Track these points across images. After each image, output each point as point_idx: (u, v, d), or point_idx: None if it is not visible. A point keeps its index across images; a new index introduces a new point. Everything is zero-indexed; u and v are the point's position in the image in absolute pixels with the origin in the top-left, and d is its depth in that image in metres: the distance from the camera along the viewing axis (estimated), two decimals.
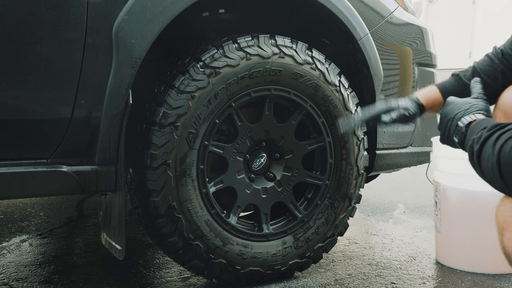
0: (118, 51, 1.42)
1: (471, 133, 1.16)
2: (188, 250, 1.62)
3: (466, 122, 1.20)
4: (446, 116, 1.27)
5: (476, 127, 1.15)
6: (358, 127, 1.81)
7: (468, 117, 1.21)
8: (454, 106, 1.26)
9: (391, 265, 2.00)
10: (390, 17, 1.98)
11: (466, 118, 1.21)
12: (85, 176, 1.44)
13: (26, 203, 2.90)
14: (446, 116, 1.27)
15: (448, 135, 1.26)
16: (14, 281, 1.79)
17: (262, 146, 1.75)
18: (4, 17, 1.29)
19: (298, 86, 1.70)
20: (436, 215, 2.05)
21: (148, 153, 1.53)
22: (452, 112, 1.25)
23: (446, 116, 1.27)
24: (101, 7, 1.40)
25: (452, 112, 1.25)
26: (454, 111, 1.25)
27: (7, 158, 1.36)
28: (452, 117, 1.24)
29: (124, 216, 1.50)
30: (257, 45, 1.64)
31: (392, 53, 2.00)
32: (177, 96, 1.54)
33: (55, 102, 1.39)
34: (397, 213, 2.89)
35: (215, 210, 1.64)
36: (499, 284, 1.83)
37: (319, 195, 1.80)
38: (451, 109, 1.26)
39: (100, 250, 2.13)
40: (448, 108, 1.27)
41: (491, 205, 1.87)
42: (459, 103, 1.26)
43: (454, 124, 1.23)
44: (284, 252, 1.76)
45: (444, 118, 1.28)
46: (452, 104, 1.27)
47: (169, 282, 1.80)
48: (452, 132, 1.24)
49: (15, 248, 2.15)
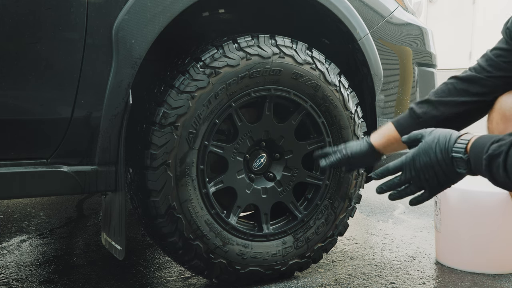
0: (118, 51, 1.42)
1: (477, 154, 1.08)
2: (188, 250, 1.62)
3: (462, 150, 1.12)
4: (426, 167, 1.16)
5: (479, 146, 1.08)
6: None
7: (459, 144, 1.13)
8: (424, 153, 1.16)
9: (391, 265, 2.00)
10: (390, 17, 1.98)
11: (458, 146, 1.13)
12: (85, 176, 1.44)
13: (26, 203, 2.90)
14: (426, 167, 1.16)
15: (446, 176, 1.15)
16: (14, 281, 1.79)
17: (262, 146, 1.75)
18: (4, 17, 1.29)
19: (298, 86, 1.70)
20: (436, 215, 2.05)
21: (148, 153, 1.53)
22: (428, 159, 1.15)
23: (425, 167, 1.16)
24: (101, 7, 1.40)
25: (429, 159, 1.15)
26: (430, 156, 1.15)
27: (7, 158, 1.36)
28: (436, 161, 1.14)
29: (124, 216, 1.50)
30: (257, 45, 1.64)
31: (392, 53, 2.00)
32: (177, 96, 1.54)
33: (55, 102, 1.39)
34: (397, 213, 2.89)
35: (215, 210, 1.64)
36: (499, 284, 1.83)
37: (319, 195, 1.80)
38: (425, 158, 1.15)
39: (100, 250, 2.13)
40: (420, 162, 1.16)
41: (491, 205, 1.88)
42: (426, 147, 1.16)
43: (448, 160, 1.13)
44: (284, 252, 1.76)
45: (424, 171, 1.16)
46: (420, 155, 1.16)
47: (169, 282, 1.80)
48: (450, 168, 1.14)
49: (15, 248, 2.15)
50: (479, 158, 1.08)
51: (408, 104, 2.06)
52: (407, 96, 2.07)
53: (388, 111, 1.99)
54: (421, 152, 1.17)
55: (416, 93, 2.10)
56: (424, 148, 1.17)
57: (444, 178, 1.16)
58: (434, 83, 2.22)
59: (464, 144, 1.12)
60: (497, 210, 1.87)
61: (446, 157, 1.14)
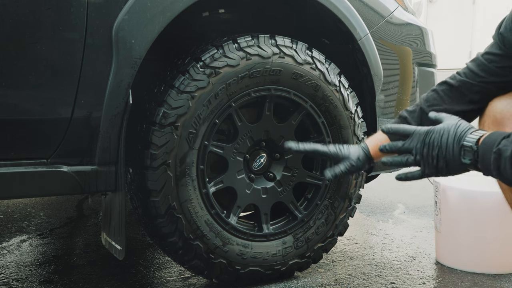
0: (118, 51, 1.42)
1: (486, 148, 1.08)
2: (188, 250, 1.62)
3: (474, 140, 1.11)
4: (433, 144, 1.15)
5: (490, 141, 1.08)
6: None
7: (472, 135, 1.12)
8: (439, 132, 1.16)
9: (391, 265, 2.00)
10: (390, 17, 1.98)
11: (471, 136, 1.12)
12: (85, 176, 1.44)
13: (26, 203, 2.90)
14: (433, 144, 1.15)
15: (447, 162, 1.14)
16: (14, 281, 1.79)
17: (262, 146, 1.75)
18: (4, 17, 1.29)
19: (298, 86, 1.70)
20: (436, 215, 2.05)
21: (148, 153, 1.53)
22: (439, 138, 1.15)
23: (432, 144, 1.15)
24: (101, 7, 1.40)
25: (440, 138, 1.14)
26: (442, 136, 1.14)
27: (7, 158, 1.36)
28: (446, 142, 1.13)
29: (124, 216, 1.50)
30: (257, 45, 1.64)
31: (392, 53, 2.00)
32: (177, 96, 1.54)
33: (55, 102, 1.39)
34: (397, 213, 2.89)
35: (215, 210, 1.64)
36: (499, 284, 1.83)
37: (319, 195, 1.80)
38: (437, 136, 1.15)
39: (100, 250, 2.13)
40: (431, 138, 1.16)
41: (491, 205, 1.88)
42: (443, 127, 1.16)
43: (457, 147, 1.12)
44: (284, 252, 1.76)
45: (429, 148, 1.16)
46: (434, 132, 1.16)
47: (169, 282, 1.80)
48: (456, 156, 1.13)
49: (15, 248, 2.15)
50: (489, 152, 1.07)
51: (408, 104, 2.06)
52: (407, 96, 2.07)
53: (388, 111, 1.99)
54: (436, 130, 1.16)
55: (416, 93, 2.10)
56: (442, 127, 1.16)
57: (444, 164, 1.15)
58: (434, 83, 2.22)
59: (477, 136, 1.11)
60: (497, 210, 1.87)
61: (457, 143, 1.13)
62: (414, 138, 1.18)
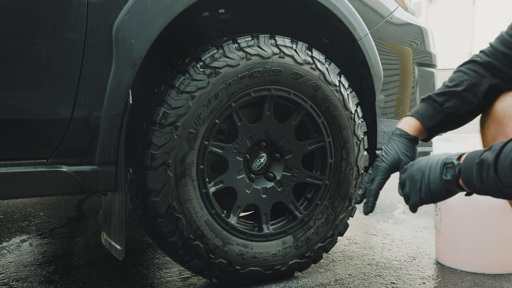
0: (118, 51, 1.42)
1: (469, 162, 1.11)
2: (188, 250, 1.62)
3: (455, 157, 1.14)
4: (419, 170, 1.20)
5: (472, 156, 1.10)
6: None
7: (455, 155, 1.15)
8: (422, 160, 1.21)
9: (391, 265, 2.01)
10: (390, 17, 1.98)
11: (452, 155, 1.16)
12: (85, 176, 1.44)
13: (26, 203, 2.90)
14: (419, 170, 1.20)
15: (429, 183, 1.18)
16: (14, 281, 1.79)
17: (262, 146, 1.75)
18: (4, 17, 1.29)
19: (298, 86, 1.70)
20: (436, 215, 2.05)
21: (148, 153, 1.53)
22: (425, 165, 1.19)
23: (419, 171, 1.20)
24: (101, 7, 1.40)
25: (425, 165, 1.19)
26: (427, 161, 1.19)
27: (7, 158, 1.36)
28: (429, 167, 1.18)
29: (124, 216, 1.50)
30: (257, 45, 1.64)
31: (392, 53, 2.00)
32: (177, 96, 1.54)
33: (55, 102, 1.39)
34: (397, 213, 2.89)
35: (215, 210, 1.64)
36: (499, 284, 1.83)
37: (319, 195, 1.80)
38: (422, 164, 1.20)
39: (100, 250, 2.13)
40: (418, 166, 1.20)
41: (491, 205, 1.88)
42: (427, 157, 1.21)
43: (439, 167, 1.16)
44: (284, 252, 1.76)
45: (415, 175, 1.20)
46: (420, 162, 1.21)
47: (169, 282, 1.80)
48: (437, 177, 1.16)
49: (15, 248, 2.15)
50: (471, 166, 1.09)
51: (408, 104, 2.06)
52: (407, 96, 2.07)
53: (388, 111, 1.99)
54: (422, 159, 1.22)
55: (416, 93, 2.10)
56: (427, 157, 1.22)
57: (426, 188, 1.18)
58: (434, 83, 2.22)
59: (458, 154, 1.15)
60: (497, 210, 1.87)
61: (440, 163, 1.17)
62: (407, 180, 1.24)
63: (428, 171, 1.18)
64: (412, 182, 1.22)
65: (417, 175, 1.20)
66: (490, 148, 1.08)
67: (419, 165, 1.22)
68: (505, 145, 1.04)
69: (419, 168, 1.21)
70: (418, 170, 1.21)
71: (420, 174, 1.20)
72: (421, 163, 1.22)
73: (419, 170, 1.20)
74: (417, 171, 1.21)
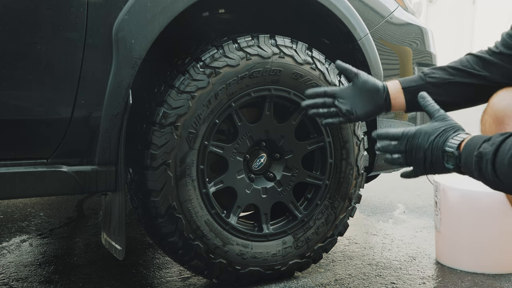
0: (118, 51, 1.42)
1: (468, 152, 1.10)
2: (188, 250, 1.62)
3: (455, 145, 1.13)
4: (419, 148, 1.18)
5: (472, 144, 1.10)
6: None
7: (454, 140, 1.14)
8: (424, 135, 1.18)
9: (391, 265, 2.01)
10: (390, 17, 1.98)
11: (452, 141, 1.14)
12: (85, 176, 1.44)
13: (26, 203, 2.90)
14: (419, 148, 1.18)
15: (432, 165, 1.17)
16: (14, 281, 1.79)
17: (262, 146, 1.75)
18: (4, 17, 1.30)
19: (298, 86, 1.70)
20: (436, 215, 2.05)
21: (148, 153, 1.53)
22: (425, 142, 1.17)
23: (419, 148, 1.18)
24: (101, 7, 1.40)
25: (425, 142, 1.17)
26: (428, 140, 1.17)
27: (7, 158, 1.36)
28: (430, 147, 1.16)
29: (124, 216, 1.50)
30: (257, 45, 1.64)
31: (392, 53, 2.00)
32: (177, 96, 1.54)
33: (55, 102, 1.39)
34: (397, 213, 2.89)
35: (215, 210, 1.64)
36: (499, 284, 1.83)
37: (319, 195, 1.80)
38: (422, 140, 1.18)
39: (100, 250, 2.13)
40: (417, 141, 1.18)
41: (491, 205, 1.88)
42: (428, 131, 1.18)
43: (439, 152, 1.15)
44: (284, 252, 1.76)
45: (416, 151, 1.19)
46: (421, 135, 1.19)
47: (169, 282, 1.80)
48: (439, 161, 1.16)
49: (15, 248, 2.15)
50: (470, 156, 1.10)
51: None
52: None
53: None
54: (423, 132, 1.19)
55: None
56: (427, 130, 1.19)
57: (430, 166, 1.18)
58: None
59: (458, 141, 1.14)
60: (497, 210, 1.87)
61: (439, 149, 1.16)
62: (403, 141, 1.22)
63: (430, 154, 1.17)
64: (415, 158, 1.20)
65: (418, 153, 1.19)
66: (489, 140, 1.08)
67: (420, 143, 1.19)
68: (504, 141, 1.04)
69: (420, 147, 1.18)
70: (419, 148, 1.19)
71: (421, 153, 1.18)
72: (421, 140, 1.18)
73: (421, 149, 1.18)
74: (418, 149, 1.19)
